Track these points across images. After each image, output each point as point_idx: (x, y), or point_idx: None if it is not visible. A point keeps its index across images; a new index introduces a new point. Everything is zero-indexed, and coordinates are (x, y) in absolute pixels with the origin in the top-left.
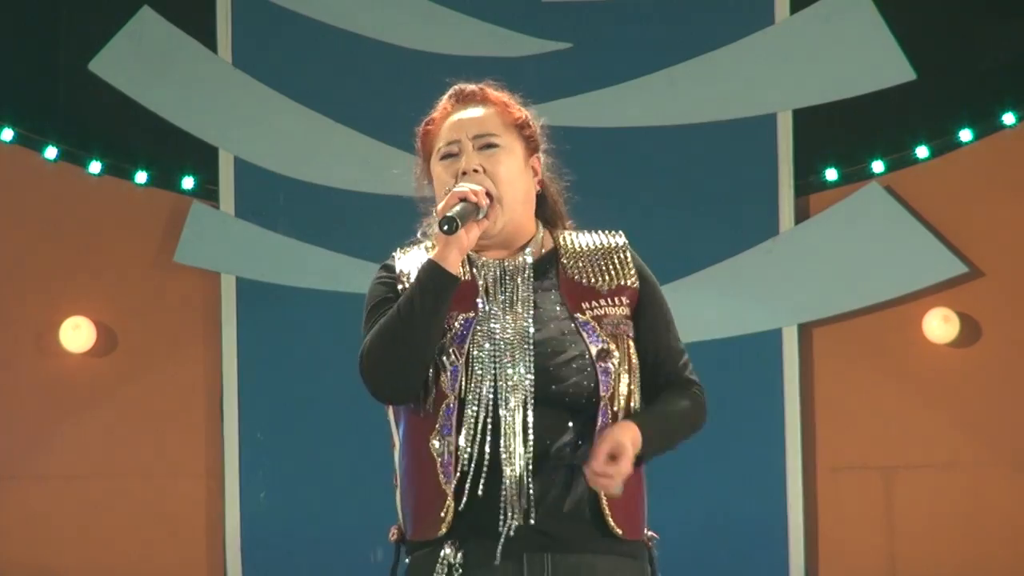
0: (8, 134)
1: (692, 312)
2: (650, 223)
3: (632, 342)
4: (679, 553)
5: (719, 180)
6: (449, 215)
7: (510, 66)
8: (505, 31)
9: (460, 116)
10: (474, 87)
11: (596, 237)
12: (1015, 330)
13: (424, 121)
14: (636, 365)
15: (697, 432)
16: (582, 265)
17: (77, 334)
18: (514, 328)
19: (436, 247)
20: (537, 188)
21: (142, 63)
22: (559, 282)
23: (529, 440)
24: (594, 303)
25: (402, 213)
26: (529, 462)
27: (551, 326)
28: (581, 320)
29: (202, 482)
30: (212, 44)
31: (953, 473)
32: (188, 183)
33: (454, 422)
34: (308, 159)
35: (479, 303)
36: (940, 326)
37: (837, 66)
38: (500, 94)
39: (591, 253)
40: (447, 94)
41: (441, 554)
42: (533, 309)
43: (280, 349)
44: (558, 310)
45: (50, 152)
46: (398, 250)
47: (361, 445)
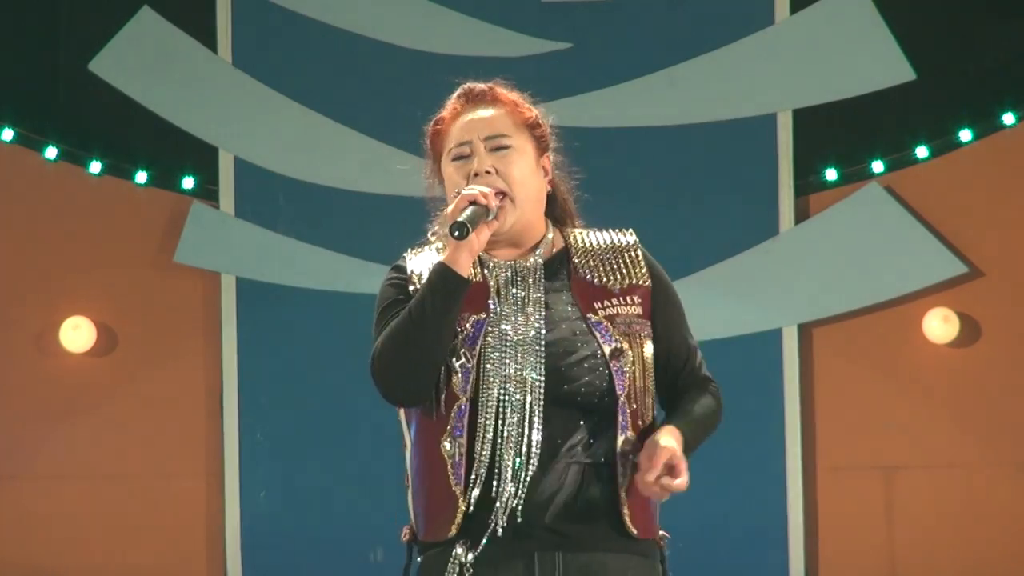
0: (8, 134)
1: (692, 312)
2: (650, 223)
3: (647, 341)
4: (679, 553)
5: (719, 180)
6: (460, 220)
7: (510, 66)
8: (505, 31)
9: (471, 117)
10: (484, 87)
11: (607, 236)
12: (1015, 330)
13: (433, 120)
14: (650, 364)
15: (717, 429)
16: (593, 264)
17: (77, 334)
18: (525, 329)
19: (446, 249)
20: (548, 187)
21: (142, 63)
22: (570, 282)
23: (535, 441)
24: (606, 302)
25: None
26: (532, 462)
27: (563, 326)
28: (593, 320)
29: (202, 482)
30: (212, 44)
31: (953, 473)
32: (188, 183)
33: (465, 424)
34: (308, 159)
35: (490, 304)
36: (940, 326)
37: (837, 66)
38: (510, 94)
39: (602, 252)
40: (456, 93)
41: (452, 554)
42: (545, 310)
43: (280, 349)
44: (570, 310)
45: (50, 152)
46: (409, 250)
47: (361, 445)
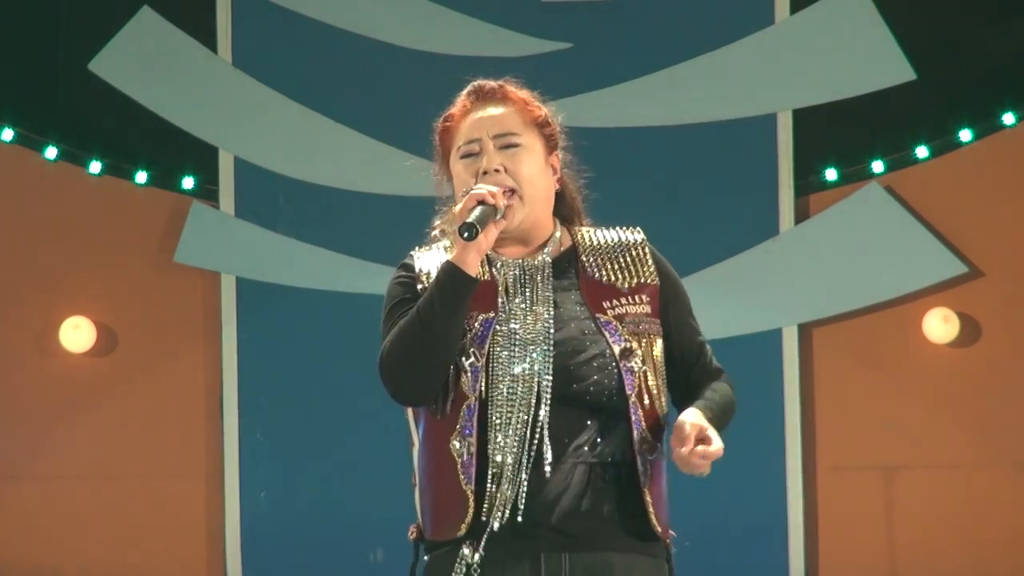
0: (8, 134)
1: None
2: (650, 223)
3: (656, 339)
4: (679, 553)
5: (719, 180)
6: (468, 221)
7: (510, 66)
8: (505, 31)
9: (480, 114)
10: (494, 84)
11: (614, 234)
12: (1015, 330)
13: (442, 117)
14: (661, 362)
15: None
16: (601, 263)
17: (77, 334)
18: (534, 328)
19: (454, 248)
20: (556, 186)
21: (142, 63)
22: (579, 281)
23: (546, 440)
24: (615, 302)
25: (402, 213)
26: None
27: (571, 325)
28: (602, 320)
29: (202, 482)
30: (212, 44)
31: (953, 473)
32: (188, 183)
33: (475, 423)
34: (308, 159)
35: (499, 303)
36: (940, 326)
37: (837, 66)
38: (520, 92)
39: (610, 250)
40: (466, 90)
41: (459, 554)
42: (553, 308)
43: (280, 349)
44: (578, 310)
45: (50, 152)
46: (416, 248)
47: (362, 445)
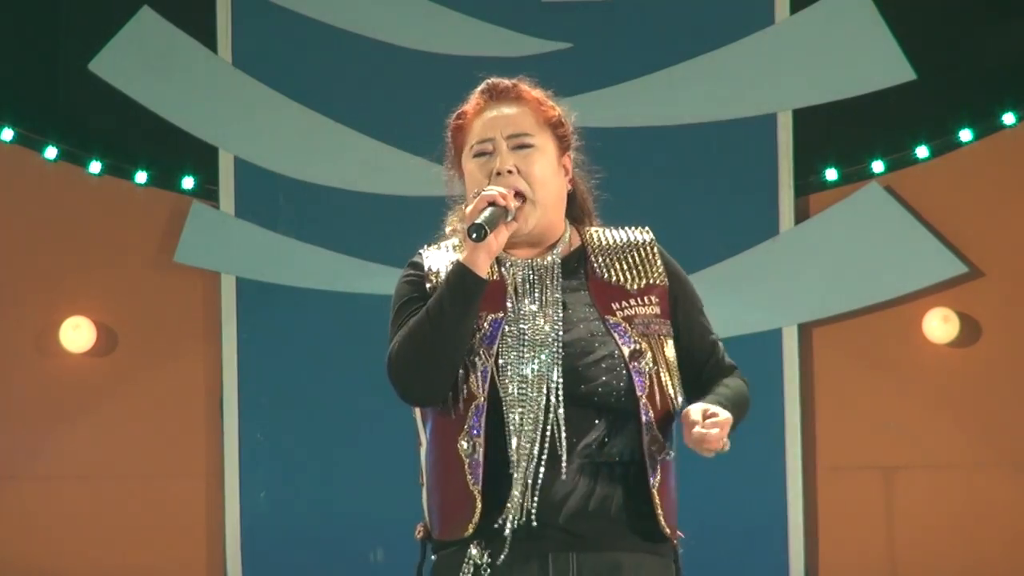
0: (8, 134)
1: None
2: (650, 223)
3: (667, 340)
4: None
5: (719, 180)
6: (477, 223)
7: (510, 66)
8: (505, 31)
9: (494, 113)
10: (508, 83)
11: (623, 234)
12: (1015, 330)
13: (455, 115)
14: (674, 363)
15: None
16: (610, 264)
17: (77, 334)
18: (543, 329)
19: (464, 248)
20: (568, 187)
21: (142, 63)
22: (588, 282)
23: (560, 440)
24: (624, 303)
25: (402, 213)
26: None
27: (580, 327)
28: (611, 321)
29: (202, 482)
30: (212, 44)
31: (953, 473)
32: (188, 183)
33: (483, 423)
34: (308, 159)
35: (508, 304)
36: (940, 326)
37: (837, 66)
38: (534, 91)
39: (618, 251)
40: (479, 88)
41: (467, 554)
42: (562, 310)
43: (280, 349)
44: (587, 311)
45: (50, 152)
46: (425, 247)
47: (362, 445)
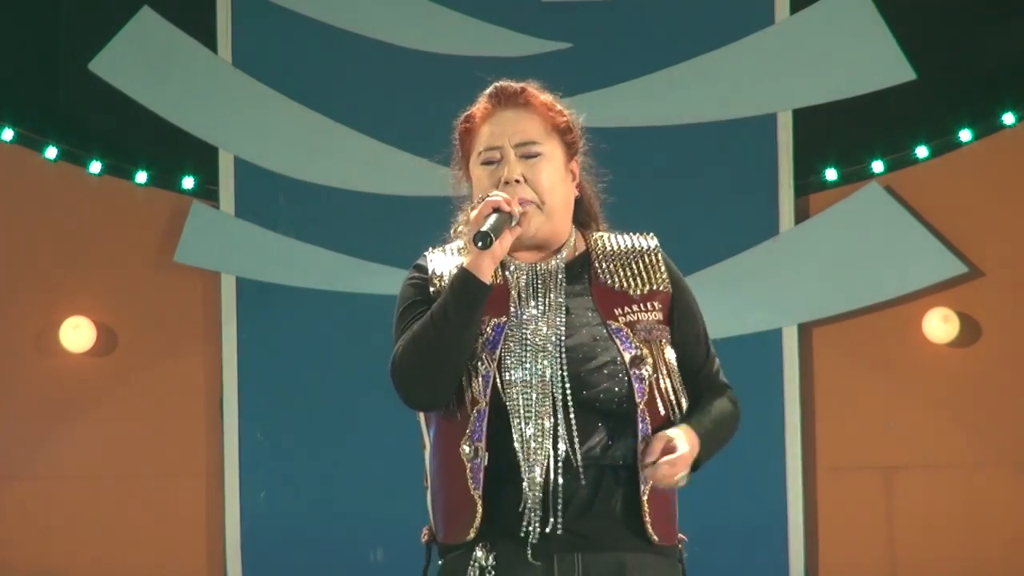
0: (8, 134)
1: None
2: (650, 223)
3: (667, 346)
4: None
5: (719, 180)
6: (483, 230)
7: (510, 66)
8: (505, 31)
9: (502, 120)
10: (516, 87)
11: (628, 240)
12: (1015, 330)
13: (463, 118)
14: (675, 368)
15: (734, 433)
16: (614, 269)
17: (77, 334)
18: (545, 334)
19: (469, 253)
20: (575, 192)
21: (142, 63)
22: (591, 287)
23: (560, 445)
24: (627, 308)
25: (403, 213)
26: (556, 466)
27: (583, 332)
28: (614, 327)
29: (202, 482)
30: (212, 44)
31: (953, 473)
32: (188, 183)
33: (484, 428)
34: (308, 159)
35: (511, 308)
36: (940, 326)
37: (837, 66)
38: (543, 97)
39: (623, 256)
40: (488, 92)
41: (473, 556)
42: (565, 315)
43: (280, 349)
44: (590, 316)
45: (50, 152)
46: (430, 249)
47: (361, 445)
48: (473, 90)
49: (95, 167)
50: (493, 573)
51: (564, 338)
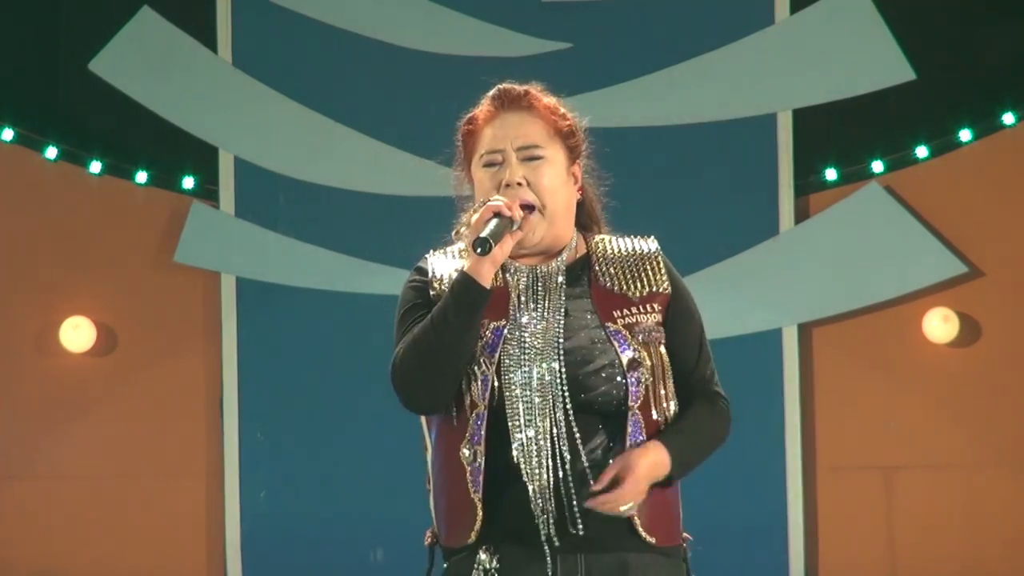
0: (8, 134)
1: None
2: (650, 223)
3: (664, 349)
4: None
5: (719, 180)
6: (483, 236)
7: (510, 66)
8: (505, 31)
9: (505, 123)
10: (520, 90)
11: (629, 243)
12: (1015, 330)
13: (465, 119)
14: (670, 372)
15: (722, 445)
16: (614, 272)
17: (77, 334)
18: (544, 336)
19: (469, 257)
20: (578, 195)
21: (142, 63)
22: (591, 289)
23: (560, 448)
24: (625, 311)
25: (402, 213)
26: (565, 470)
27: (581, 334)
28: (612, 329)
29: (202, 482)
30: (212, 44)
31: (953, 473)
32: (188, 183)
33: (484, 431)
34: (308, 159)
35: (510, 311)
36: (940, 326)
37: (837, 66)
38: (547, 100)
39: (623, 259)
40: (491, 94)
41: (477, 559)
42: (564, 317)
43: (280, 349)
44: (589, 318)
45: (50, 152)
46: (432, 252)
47: (361, 445)
48: (473, 90)
49: (95, 167)
50: (496, 575)
51: (562, 341)
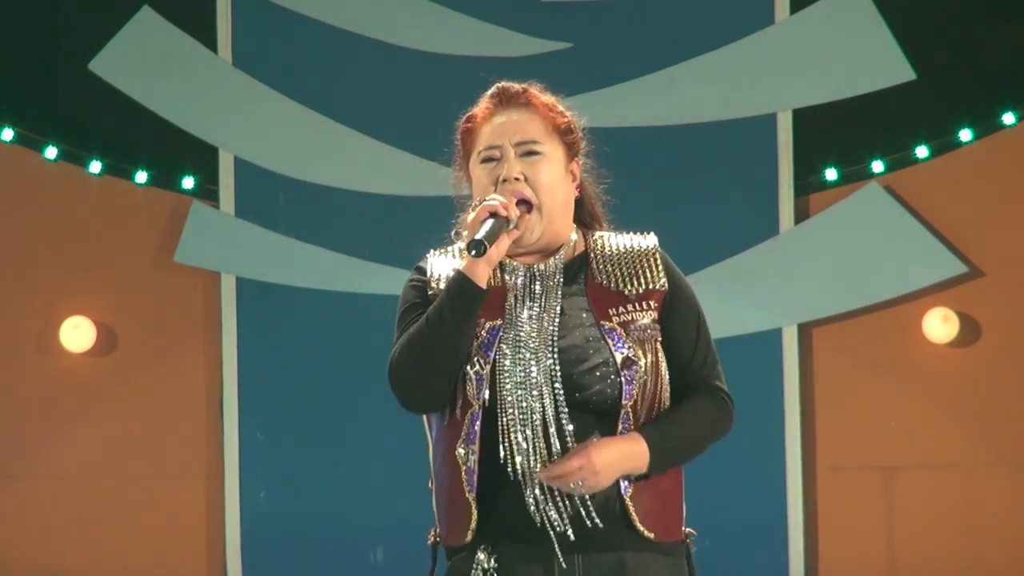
0: (8, 134)
1: None
2: (650, 223)
3: (660, 346)
4: None
5: (719, 180)
6: (477, 238)
7: (510, 66)
8: (505, 31)
9: (503, 119)
10: (518, 88)
11: (627, 239)
12: (1015, 330)
13: (464, 118)
14: (665, 370)
15: (721, 438)
16: (611, 269)
17: (77, 334)
18: (539, 335)
19: (465, 257)
20: (576, 193)
21: (142, 63)
22: (587, 287)
23: (554, 447)
24: (621, 309)
25: (402, 213)
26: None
27: (576, 333)
28: (607, 327)
29: (202, 482)
30: (212, 44)
31: (953, 473)
32: (188, 183)
33: (478, 430)
34: (308, 159)
35: (507, 310)
36: (940, 326)
37: (837, 66)
38: (545, 97)
39: (620, 257)
40: (489, 92)
41: (476, 559)
42: (559, 316)
43: (280, 349)
44: (584, 316)
45: (50, 152)
46: (432, 251)
47: (362, 445)
48: (473, 90)
49: (95, 167)
50: (495, 575)
51: (557, 339)
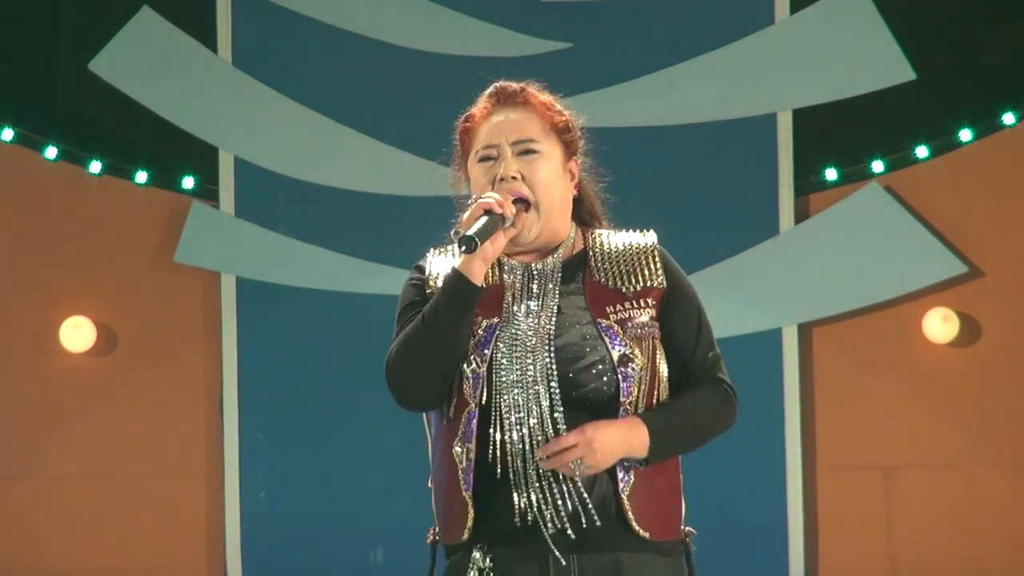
0: (8, 134)
1: None
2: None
3: (658, 344)
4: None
5: (719, 180)
6: (468, 235)
7: (510, 66)
8: (505, 31)
9: (501, 118)
10: (516, 87)
11: (627, 237)
12: (1015, 330)
13: (463, 117)
14: (662, 368)
15: (725, 430)
16: (609, 267)
17: (77, 334)
18: (536, 333)
19: (460, 255)
20: (574, 192)
21: (142, 63)
22: (585, 285)
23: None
24: (619, 307)
25: (402, 213)
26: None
27: (573, 331)
28: (604, 325)
29: (202, 482)
30: (212, 44)
31: (953, 473)
32: (188, 183)
33: (475, 429)
34: (308, 159)
35: (504, 308)
36: (940, 326)
37: (837, 66)
38: (542, 96)
39: (619, 254)
40: (488, 92)
41: (472, 558)
42: (556, 314)
43: (280, 349)
44: (581, 314)
45: (50, 152)
46: (432, 250)
47: (361, 445)
48: (473, 90)
49: (95, 167)
50: (491, 574)
51: (553, 337)
